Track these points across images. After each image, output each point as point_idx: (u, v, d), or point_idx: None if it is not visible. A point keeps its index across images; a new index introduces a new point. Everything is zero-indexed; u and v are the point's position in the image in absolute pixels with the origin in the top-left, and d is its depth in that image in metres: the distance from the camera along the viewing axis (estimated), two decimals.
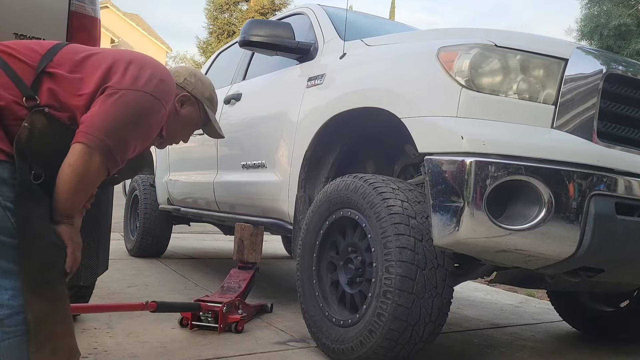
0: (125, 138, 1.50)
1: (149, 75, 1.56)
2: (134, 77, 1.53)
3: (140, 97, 1.52)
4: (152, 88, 1.55)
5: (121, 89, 1.49)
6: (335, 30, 3.13)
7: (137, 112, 1.52)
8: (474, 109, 2.03)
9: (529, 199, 1.90)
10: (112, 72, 1.52)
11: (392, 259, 2.08)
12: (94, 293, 2.78)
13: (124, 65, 1.54)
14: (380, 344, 2.11)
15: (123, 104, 1.48)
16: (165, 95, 1.60)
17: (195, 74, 2.00)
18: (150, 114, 1.56)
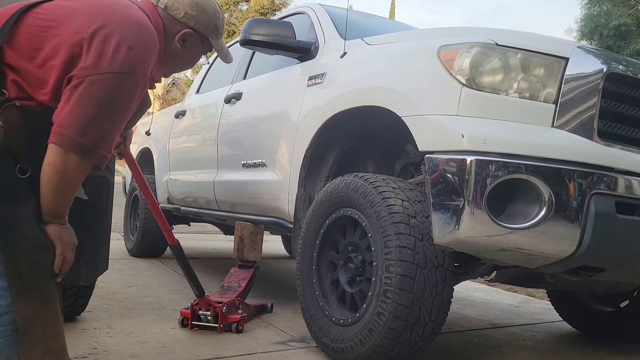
0: (102, 129, 1.40)
1: (115, 47, 1.37)
2: (96, 56, 1.36)
3: (106, 81, 1.36)
4: (120, 63, 1.38)
5: (85, 76, 1.35)
6: (336, 30, 3.13)
7: (107, 99, 1.38)
8: (475, 107, 2.03)
9: (529, 197, 1.90)
10: (73, 54, 1.37)
11: (393, 258, 2.08)
12: (94, 293, 2.78)
13: (87, 43, 1.37)
14: (380, 343, 2.11)
15: (89, 95, 1.35)
16: (138, 62, 1.43)
17: (197, 4, 1.73)
18: (123, 93, 1.41)
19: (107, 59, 1.37)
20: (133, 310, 3.04)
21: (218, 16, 1.82)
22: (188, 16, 1.71)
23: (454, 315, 3.56)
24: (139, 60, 1.44)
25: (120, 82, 1.39)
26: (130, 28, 1.43)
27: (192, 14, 1.72)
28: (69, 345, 2.33)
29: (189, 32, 1.73)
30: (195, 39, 1.78)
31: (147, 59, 1.47)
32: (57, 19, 1.41)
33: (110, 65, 1.37)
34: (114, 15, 1.43)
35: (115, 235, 5.66)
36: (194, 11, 1.72)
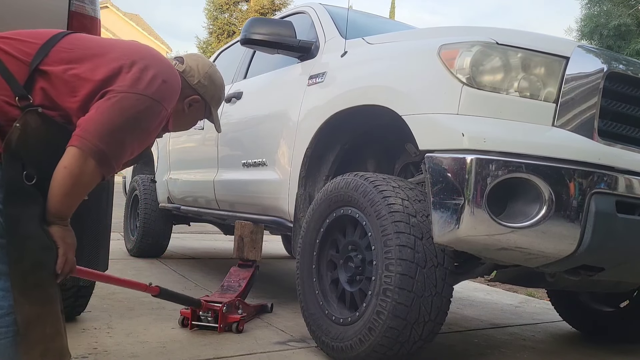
0: (122, 142, 1.47)
1: (151, 77, 1.50)
2: (134, 80, 1.47)
3: (139, 101, 1.46)
4: (154, 91, 1.50)
5: (120, 92, 1.44)
6: (337, 29, 3.14)
7: (134, 116, 1.46)
8: (475, 106, 2.03)
9: (530, 196, 1.90)
10: (112, 75, 1.47)
11: (392, 257, 2.08)
12: (94, 293, 2.78)
13: (127, 68, 1.49)
14: (380, 342, 2.11)
15: (120, 108, 1.43)
16: (168, 96, 1.56)
17: (209, 77, 1.92)
18: (149, 117, 1.51)
19: (144, 84, 1.48)
20: (133, 310, 3.04)
21: (223, 90, 2.03)
22: (200, 84, 1.89)
23: (454, 315, 3.56)
24: (170, 94, 1.57)
25: (150, 107, 1.49)
26: (166, 67, 1.59)
27: (204, 84, 1.90)
28: (69, 345, 2.34)
29: (198, 98, 1.90)
30: (200, 106, 1.94)
31: (174, 97, 1.61)
32: (101, 45, 1.55)
33: (146, 89, 1.48)
34: (153, 54, 1.59)
35: (115, 235, 5.66)
36: (206, 81, 1.90)
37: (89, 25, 2.47)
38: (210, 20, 26.81)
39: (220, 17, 26.58)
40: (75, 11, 2.41)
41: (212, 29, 26.78)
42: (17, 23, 2.28)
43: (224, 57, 4.86)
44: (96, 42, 1.58)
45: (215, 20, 26.58)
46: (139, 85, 1.47)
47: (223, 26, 26.25)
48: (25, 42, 1.47)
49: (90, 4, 2.48)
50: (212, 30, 26.80)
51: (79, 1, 2.42)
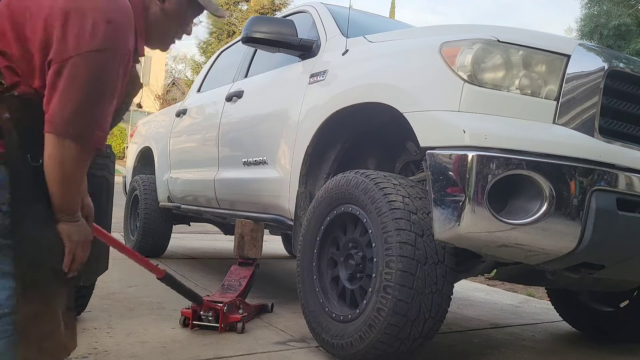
0: (93, 111, 1.35)
1: (92, 25, 1.31)
2: (75, 37, 1.30)
3: (89, 61, 1.31)
4: (100, 41, 1.32)
5: (66, 59, 1.29)
6: (338, 28, 3.14)
7: (92, 80, 1.33)
8: (476, 103, 2.03)
9: (531, 193, 1.90)
10: (49, 36, 1.31)
11: (393, 254, 2.08)
12: (94, 293, 2.78)
13: (61, 23, 1.30)
14: (380, 339, 2.11)
15: (73, 78, 1.30)
16: (118, 38, 1.37)
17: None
18: (107, 71, 1.36)
19: (87, 38, 1.30)
20: (133, 310, 3.04)
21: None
22: None
23: (454, 315, 3.55)
24: (120, 34, 1.37)
25: (105, 60, 1.34)
26: (104, 1, 1.36)
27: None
28: None
29: None
30: None
31: (126, 33, 1.40)
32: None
33: (91, 43, 1.31)
34: None
35: (116, 235, 5.64)
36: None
37: None
38: (210, 21, 26.82)
39: None
40: None
41: (212, 29, 26.81)
42: None
43: (225, 57, 4.86)
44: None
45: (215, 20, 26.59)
46: (82, 42, 1.30)
47: (223, 26, 26.29)
48: None
49: None
50: (212, 30, 26.83)
51: None
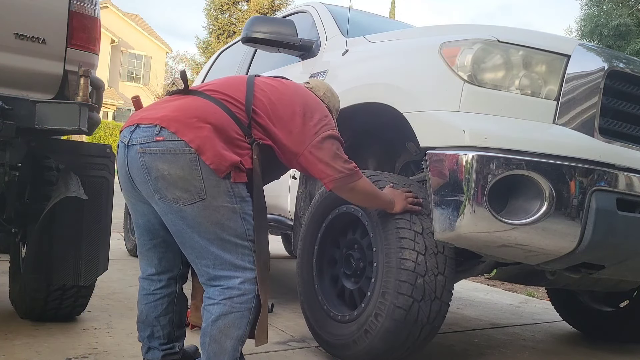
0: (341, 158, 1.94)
1: (319, 120, 1.94)
2: (313, 126, 1.91)
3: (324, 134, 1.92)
4: (324, 127, 1.93)
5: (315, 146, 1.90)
6: (338, 28, 3.14)
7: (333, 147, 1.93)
8: (476, 103, 2.03)
9: (531, 193, 1.90)
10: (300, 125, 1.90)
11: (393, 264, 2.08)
12: (94, 293, 2.78)
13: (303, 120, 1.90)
14: (378, 341, 2.11)
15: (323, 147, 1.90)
16: (330, 122, 1.99)
17: (330, 90, 2.27)
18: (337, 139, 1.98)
19: (316, 128, 1.92)
20: (133, 310, 3.03)
21: (339, 101, 2.34)
22: (325, 96, 2.21)
23: (454, 315, 3.55)
24: (329, 120, 2.00)
25: (331, 137, 1.95)
26: (318, 104, 2.03)
27: (328, 95, 2.23)
28: (69, 345, 2.34)
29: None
30: None
31: (330, 118, 2.03)
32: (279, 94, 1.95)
33: (322, 131, 1.93)
34: (309, 100, 2.00)
35: (115, 235, 5.65)
36: (329, 93, 2.25)
37: (89, 25, 2.48)
38: (210, 20, 26.85)
39: (220, 17, 26.61)
40: (75, 11, 2.41)
41: (212, 29, 26.82)
42: (18, 23, 2.29)
43: (225, 57, 4.86)
44: (277, 93, 1.96)
45: (215, 20, 26.62)
46: (317, 128, 1.91)
47: (223, 26, 26.29)
48: (234, 95, 1.87)
49: (90, 4, 2.48)
50: (212, 30, 26.83)
51: (79, 1, 2.42)
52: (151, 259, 2.01)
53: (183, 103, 1.82)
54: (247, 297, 1.77)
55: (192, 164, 1.70)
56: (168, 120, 1.74)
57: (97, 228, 2.49)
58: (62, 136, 2.66)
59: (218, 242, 1.75)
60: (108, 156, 2.54)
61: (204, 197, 1.71)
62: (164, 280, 2.00)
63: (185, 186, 1.71)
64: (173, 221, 1.76)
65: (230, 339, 1.76)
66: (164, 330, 2.00)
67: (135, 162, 1.76)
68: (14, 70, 2.31)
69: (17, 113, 2.17)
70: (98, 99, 2.53)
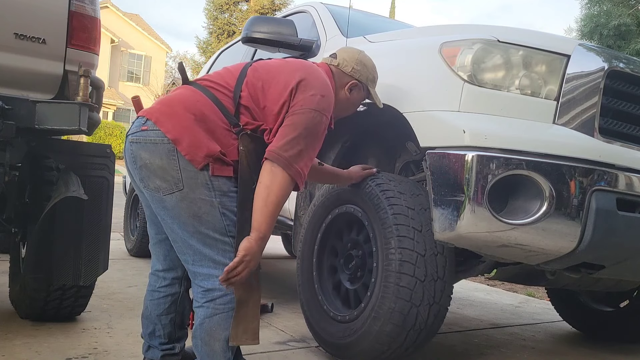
0: (299, 148, 1.76)
1: (313, 94, 1.82)
2: (301, 100, 1.80)
3: (305, 115, 1.79)
4: (315, 105, 1.81)
5: (292, 113, 1.79)
6: (338, 28, 3.14)
7: (306, 127, 1.79)
8: (476, 103, 2.03)
9: (531, 193, 1.90)
10: (286, 98, 1.81)
11: (393, 249, 2.08)
12: (94, 293, 2.78)
13: (294, 91, 1.81)
14: (378, 341, 2.11)
15: (292, 123, 1.77)
16: (325, 107, 1.85)
17: (360, 61, 2.15)
18: (315, 126, 1.82)
19: (308, 101, 1.81)
20: (133, 310, 3.04)
21: (375, 69, 2.22)
22: (354, 70, 2.13)
23: (454, 315, 3.56)
24: (327, 105, 1.86)
25: (314, 117, 1.80)
26: (321, 83, 1.89)
27: (357, 69, 2.14)
28: (69, 345, 2.34)
29: (355, 82, 2.15)
30: (359, 88, 2.17)
31: (330, 107, 1.90)
32: (273, 71, 1.89)
33: (310, 105, 1.80)
34: (312, 73, 1.89)
35: (115, 235, 5.66)
36: (358, 66, 2.14)
37: (89, 25, 2.48)
38: (211, 20, 26.87)
39: (221, 17, 26.63)
40: (75, 11, 2.41)
41: (212, 29, 26.84)
42: (18, 23, 2.29)
43: (224, 57, 4.85)
44: (266, 70, 1.90)
45: (216, 20, 26.64)
46: (306, 103, 1.80)
47: (223, 26, 26.31)
48: (224, 81, 1.85)
49: (90, 4, 2.48)
50: (212, 30, 26.86)
51: (79, 1, 2.42)
52: (158, 255, 2.01)
53: (172, 95, 1.85)
54: (230, 297, 1.74)
55: (169, 154, 1.71)
56: (151, 111, 1.78)
57: (97, 228, 2.49)
58: (62, 136, 2.66)
59: (197, 235, 1.73)
60: (108, 156, 2.54)
61: (181, 187, 1.71)
62: (168, 279, 2.00)
63: (164, 175, 1.71)
64: (157, 211, 1.78)
65: (218, 341, 1.76)
66: (165, 330, 1.99)
67: (127, 152, 1.81)
68: (14, 70, 2.31)
69: (17, 113, 2.18)
70: (98, 99, 2.53)
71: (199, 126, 1.73)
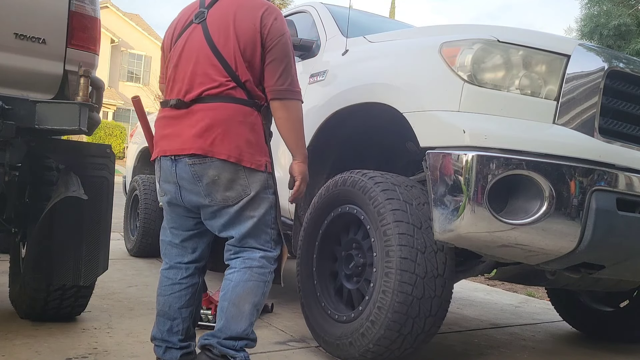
0: (292, 72, 2.02)
1: (280, 21, 2.02)
2: (276, 29, 1.98)
3: (287, 39, 2.02)
4: (285, 27, 2.03)
5: (274, 41, 1.98)
6: (338, 28, 3.14)
7: (289, 50, 2.02)
8: (476, 103, 2.03)
9: (531, 193, 1.90)
10: (256, 42, 1.97)
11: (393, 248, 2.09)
12: (94, 293, 2.78)
13: (267, 28, 1.97)
14: (378, 341, 2.11)
15: (281, 51, 1.99)
16: (286, 28, 2.06)
17: None
18: (290, 44, 2.05)
19: (279, 28, 1.99)
20: (133, 310, 3.04)
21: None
22: None
23: (454, 315, 3.55)
24: (286, 27, 2.06)
25: (288, 38, 2.03)
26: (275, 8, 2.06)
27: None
28: (69, 345, 2.34)
29: None
30: None
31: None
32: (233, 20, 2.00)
33: (284, 29, 2.01)
34: (263, 3, 2.04)
35: (115, 235, 5.65)
36: None
37: (89, 25, 2.47)
38: None
39: None
40: (75, 11, 2.41)
41: None
42: (18, 23, 2.29)
43: None
44: None
45: None
46: (280, 29, 1.99)
47: None
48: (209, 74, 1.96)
49: (90, 4, 2.48)
50: None
51: (79, 1, 2.42)
52: (187, 249, 2.09)
53: (195, 121, 1.93)
54: (265, 270, 1.96)
55: (236, 167, 1.90)
56: (197, 149, 1.90)
57: (97, 228, 2.48)
58: (62, 136, 2.66)
59: (252, 231, 1.96)
60: (108, 156, 2.54)
61: (248, 192, 1.93)
62: (191, 269, 2.08)
63: (233, 186, 1.91)
64: (214, 220, 1.97)
65: (248, 304, 1.93)
66: (184, 324, 2.05)
67: (185, 173, 1.93)
68: (14, 70, 2.30)
69: (17, 113, 2.17)
70: (98, 99, 2.53)
71: (239, 131, 1.91)
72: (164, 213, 2.13)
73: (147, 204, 4.94)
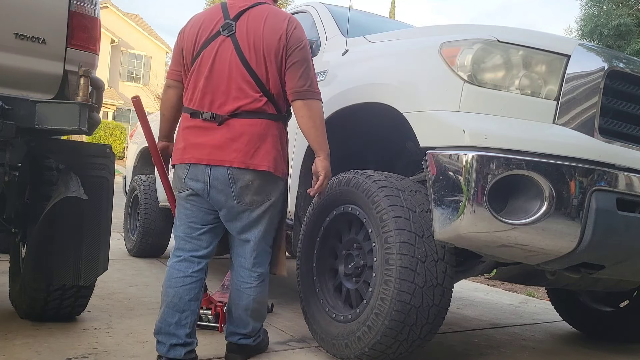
0: (312, 75, 2.20)
1: (301, 32, 2.20)
2: (296, 38, 2.16)
3: (306, 46, 2.19)
4: (304, 36, 2.22)
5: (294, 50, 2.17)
6: (338, 28, 3.14)
7: (308, 57, 2.20)
8: (476, 103, 2.03)
9: (530, 193, 1.90)
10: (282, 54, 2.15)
11: (393, 252, 2.09)
12: (94, 293, 2.78)
13: (286, 39, 2.13)
14: (378, 341, 2.11)
15: (303, 58, 2.17)
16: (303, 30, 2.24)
17: None
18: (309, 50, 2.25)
19: (299, 37, 2.16)
20: (133, 310, 3.04)
21: None
22: None
23: (454, 315, 3.55)
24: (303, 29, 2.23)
25: (307, 46, 2.20)
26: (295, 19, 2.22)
27: None
28: (69, 345, 2.34)
29: None
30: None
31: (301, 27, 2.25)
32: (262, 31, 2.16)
33: (303, 38, 2.18)
34: (285, 14, 2.21)
35: (115, 235, 5.66)
36: None
37: (89, 25, 2.47)
38: None
39: None
40: (75, 11, 2.41)
41: None
42: (18, 23, 2.29)
43: None
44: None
45: None
46: (299, 37, 2.16)
47: None
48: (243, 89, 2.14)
49: (90, 4, 2.48)
50: None
51: (79, 1, 2.42)
52: (202, 242, 2.21)
53: (234, 135, 2.08)
54: (267, 275, 2.26)
55: (268, 174, 2.11)
56: (239, 163, 2.07)
57: (97, 228, 2.48)
58: (62, 136, 2.66)
59: (267, 235, 2.24)
60: (108, 156, 2.54)
61: (271, 197, 2.15)
62: (202, 264, 2.20)
63: (261, 191, 2.12)
64: (237, 221, 2.17)
65: (264, 305, 2.31)
66: (191, 317, 2.13)
67: (221, 175, 2.07)
68: (14, 70, 2.30)
69: (17, 113, 2.17)
70: (98, 99, 2.53)
71: (271, 141, 2.11)
72: (178, 210, 2.24)
73: (147, 204, 4.94)
